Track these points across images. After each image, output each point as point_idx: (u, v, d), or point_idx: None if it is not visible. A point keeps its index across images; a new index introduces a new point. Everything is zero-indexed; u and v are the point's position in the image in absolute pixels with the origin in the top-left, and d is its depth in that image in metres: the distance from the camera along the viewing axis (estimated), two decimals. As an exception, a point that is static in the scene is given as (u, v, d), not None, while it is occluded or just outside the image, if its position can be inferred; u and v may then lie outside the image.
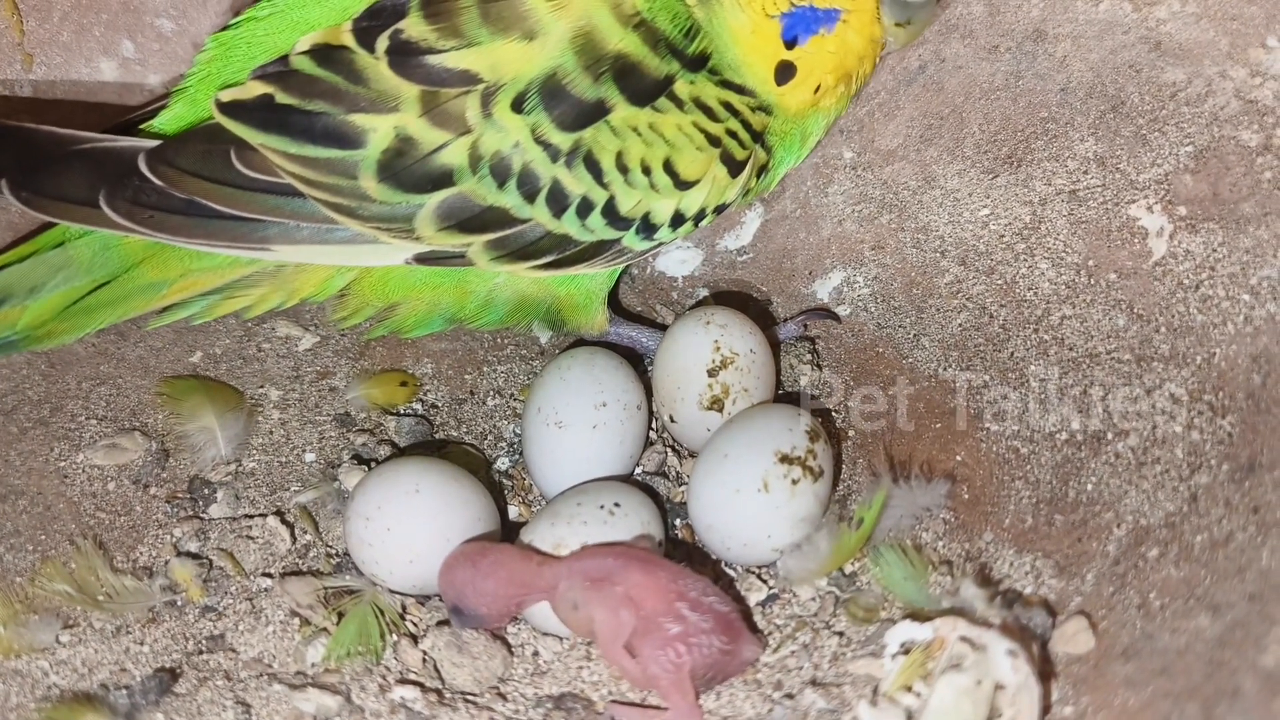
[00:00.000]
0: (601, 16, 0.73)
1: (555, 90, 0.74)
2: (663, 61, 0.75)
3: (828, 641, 0.76)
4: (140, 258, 0.82)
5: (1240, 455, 0.73)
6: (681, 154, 0.77)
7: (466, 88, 0.73)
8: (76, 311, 0.83)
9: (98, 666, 0.75)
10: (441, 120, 0.74)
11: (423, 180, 0.75)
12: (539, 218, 0.77)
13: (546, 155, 0.75)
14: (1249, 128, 0.82)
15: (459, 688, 0.74)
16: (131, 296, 0.83)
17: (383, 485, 0.79)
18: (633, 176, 0.77)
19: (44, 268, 0.82)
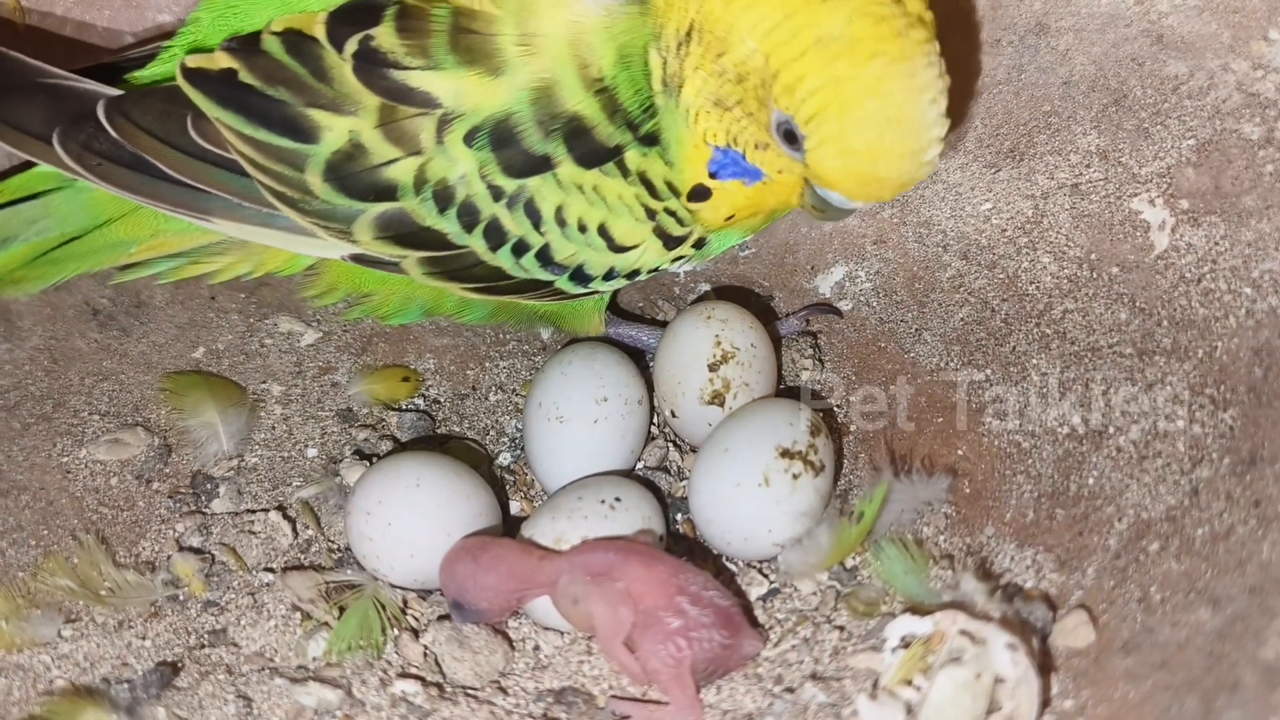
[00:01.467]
0: (566, 74, 0.72)
1: (506, 134, 0.73)
2: (616, 130, 0.73)
3: (828, 635, 0.75)
4: (114, 215, 0.82)
5: (1242, 449, 0.73)
6: (619, 220, 0.76)
7: (424, 110, 0.72)
8: (45, 262, 0.83)
9: (100, 661, 0.75)
10: (395, 136, 0.73)
11: (366, 189, 0.75)
12: (475, 248, 0.77)
13: (489, 193, 0.75)
14: (1251, 121, 0.82)
15: (460, 682, 0.74)
16: (100, 251, 0.83)
17: (384, 480, 0.79)
18: (569, 231, 0.77)
19: (18, 220, 0.82)
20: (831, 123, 0.68)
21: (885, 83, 0.68)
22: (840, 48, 0.67)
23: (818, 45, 0.68)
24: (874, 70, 0.67)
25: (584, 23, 0.71)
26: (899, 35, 0.67)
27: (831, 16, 0.67)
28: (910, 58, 0.68)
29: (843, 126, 0.68)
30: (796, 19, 0.68)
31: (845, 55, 0.67)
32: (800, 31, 0.68)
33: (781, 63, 0.68)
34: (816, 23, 0.67)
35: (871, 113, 0.68)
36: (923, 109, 0.68)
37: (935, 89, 0.69)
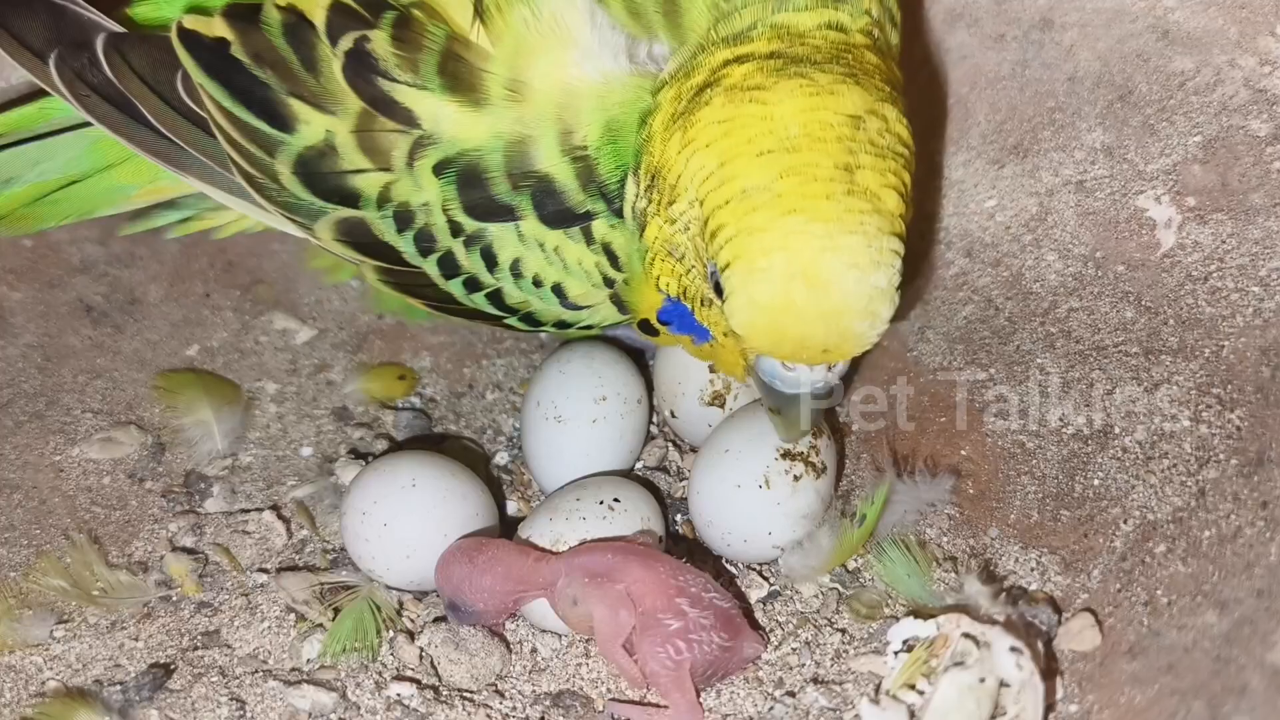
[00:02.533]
0: (546, 134, 0.70)
1: (474, 176, 0.71)
2: (587, 198, 0.71)
3: (830, 638, 0.75)
4: (115, 160, 0.82)
5: (1249, 449, 0.72)
6: (575, 282, 0.75)
7: (403, 128, 0.71)
8: (45, 203, 0.83)
9: (92, 662, 0.74)
10: (369, 146, 0.72)
11: (332, 192, 0.74)
12: (429, 271, 0.76)
13: (448, 227, 0.73)
14: (1258, 117, 0.81)
15: (456, 685, 0.73)
16: (100, 196, 0.84)
17: (379, 480, 0.78)
18: (523, 283, 0.76)
19: (21, 161, 0.82)
20: (740, 271, 0.65)
21: (797, 238, 0.64)
22: (762, 200, 0.65)
23: (742, 195, 0.65)
24: (789, 225, 0.64)
25: (578, 87, 0.69)
26: (828, 198, 0.64)
27: (764, 170, 0.65)
28: (833, 220, 0.64)
29: (749, 276, 0.65)
30: (730, 168, 0.65)
31: (765, 208, 0.64)
32: (730, 180, 0.65)
33: (710, 210, 0.66)
34: (748, 174, 0.65)
35: (778, 265, 0.64)
36: (840, 272, 0.64)
37: (863, 258, 0.64)
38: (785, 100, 0.66)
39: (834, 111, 0.66)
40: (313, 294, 0.97)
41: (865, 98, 0.67)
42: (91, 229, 0.95)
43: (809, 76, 0.66)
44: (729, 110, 0.66)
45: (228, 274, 0.97)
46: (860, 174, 0.65)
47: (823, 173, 0.65)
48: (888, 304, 0.66)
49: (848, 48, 0.70)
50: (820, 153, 0.65)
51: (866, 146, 0.65)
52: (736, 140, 0.66)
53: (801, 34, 0.69)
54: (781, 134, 0.65)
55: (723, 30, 0.70)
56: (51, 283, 0.92)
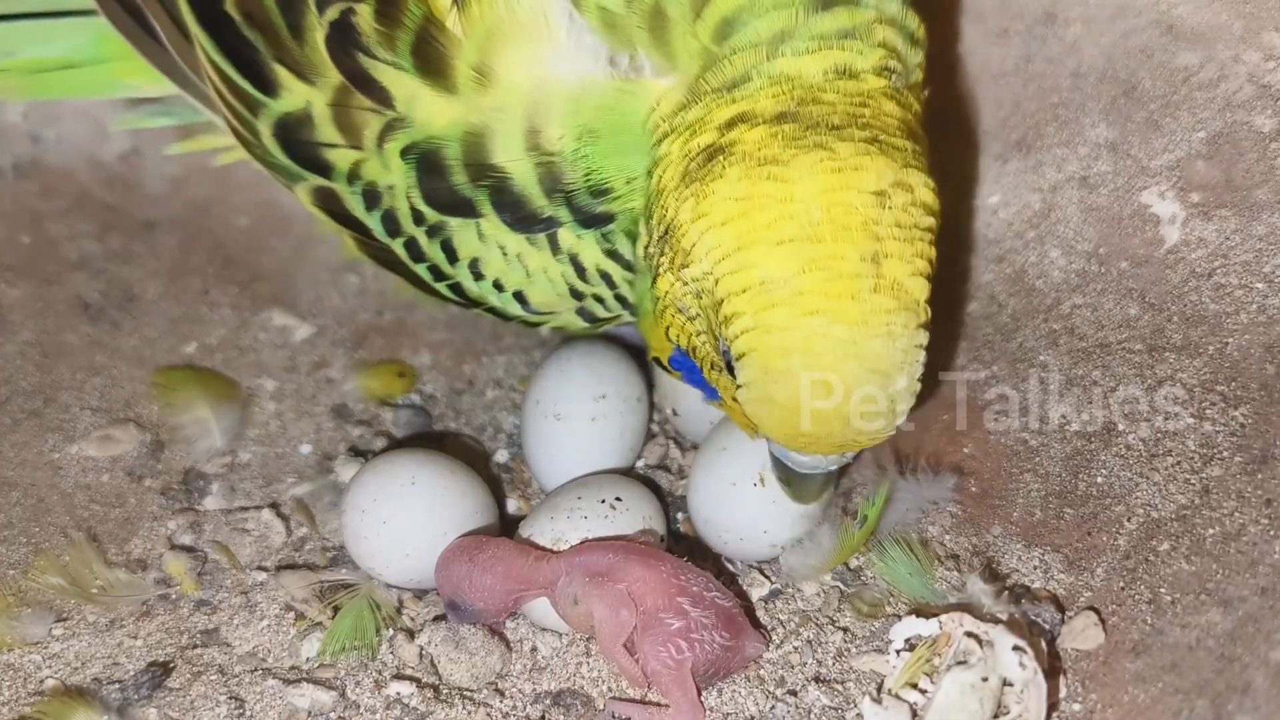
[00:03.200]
0: (510, 129, 0.68)
1: (435, 164, 0.70)
2: (549, 203, 0.69)
3: (832, 637, 0.74)
4: (118, 55, 0.83)
5: (1253, 447, 0.72)
6: (537, 290, 0.74)
7: (377, 107, 0.70)
8: (40, 78, 0.86)
9: (90, 660, 0.74)
10: (343, 122, 0.71)
11: (307, 161, 0.74)
12: (397, 251, 0.76)
13: (411, 214, 0.73)
14: (1263, 113, 0.81)
15: (456, 684, 0.73)
16: (94, 85, 0.86)
17: (379, 477, 0.78)
18: (483, 283, 0.75)
19: (24, 35, 0.85)
20: (757, 366, 0.64)
21: (820, 342, 0.62)
22: (782, 295, 0.62)
23: (761, 286, 0.63)
24: (811, 326, 0.62)
25: (551, 86, 0.67)
26: (853, 298, 0.62)
27: (785, 261, 0.62)
28: (858, 324, 0.62)
29: (766, 374, 0.64)
30: (748, 254, 0.63)
31: (785, 304, 0.62)
32: (748, 268, 0.63)
33: (725, 293, 0.64)
34: (767, 263, 0.62)
35: (798, 368, 0.63)
36: (862, 379, 0.63)
37: (888, 363, 0.63)
38: (805, 179, 0.63)
39: (858, 190, 0.63)
40: (312, 291, 0.97)
41: (890, 167, 0.64)
42: (88, 225, 0.95)
43: (829, 148, 0.63)
44: (746, 187, 0.63)
45: (226, 270, 0.97)
46: (887, 264, 0.62)
47: (848, 267, 0.62)
48: (909, 400, 0.65)
49: (864, 100, 0.66)
50: (845, 243, 0.62)
51: (893, 230, 0.63)
52: (755, 223, 0.63)
53: (810, 87, 0.66)
54: (803, 219, 0.62)
55: (715, 79, 0.67)
56: (49, 279, 0.92)
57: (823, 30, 0.67)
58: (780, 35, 0.66)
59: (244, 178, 1.01)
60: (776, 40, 0.66)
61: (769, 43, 0.66)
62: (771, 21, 0.66)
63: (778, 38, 0.66)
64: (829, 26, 0.67)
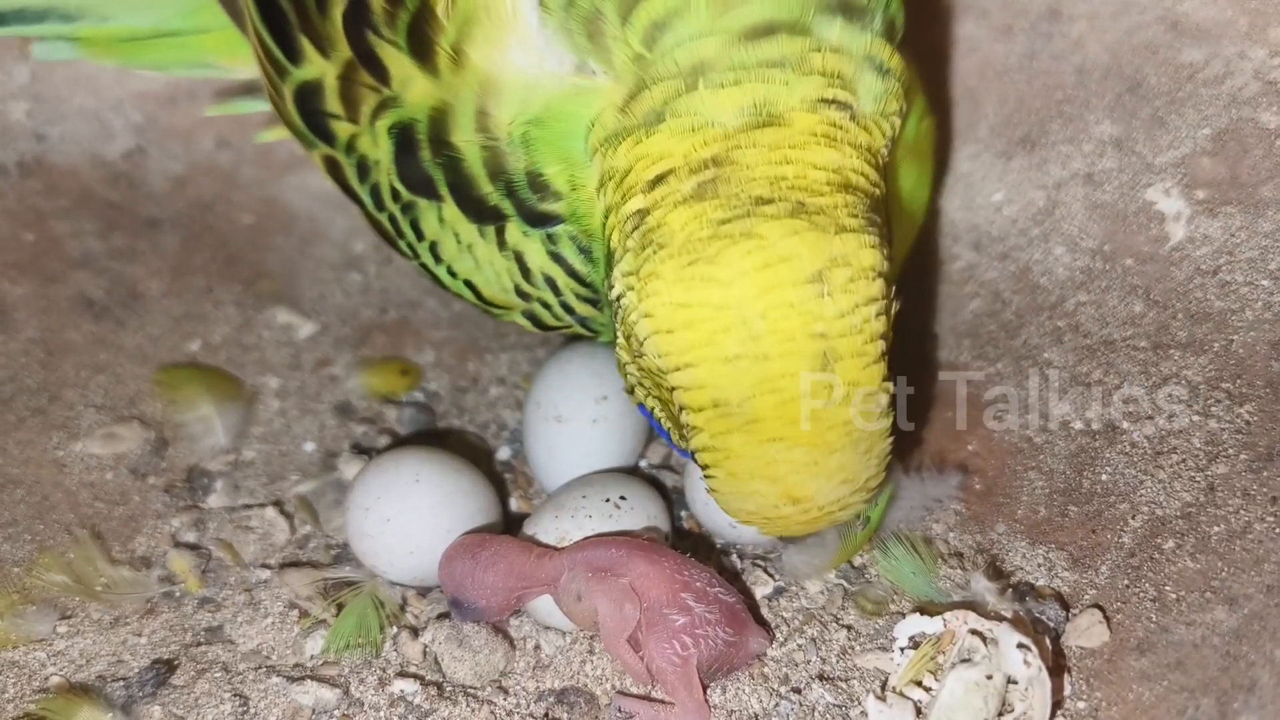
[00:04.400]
0: (464, 108, 0.68)
1: (408, 140, 0.71)
2: (493, 190, 0.70)
3: (836, 635, 0.74)
4: (209, 26, 0.85)
5: (1259, 444, 0.72)
6: (485, 283, 0.75)
7: (376, 85, 0.71)
8: (130, 45, 0.88)
9: (95, 658, 0.74)
10: (347, 96, 0.72)
11: (317, 130, 0.75)
12: (384, 224, 0.77)
13: (390, 191, 0.74)
14: (1269, 109, 0.81)
15: (459, 682, 0.73)
16: (181, 57, 0.88)
17: (382, 475, 0.78)
18: (440, 269, 0.76)
19: (121, 3, 0.87)
20: (722, 483, 0.66)
21: (780, 467, 0.63)
22: (737, 422, 0.63)
23: (714, 408, 0.63)
24: (769, 454, 0.63)
25: (504, 72, 0.67)
26: (809, 419, 0.62)
27: (734, 383, 0.62)
28: (816, 445, 0.63)
29: (731, 493, 0.66)
30: (697, 372, 0.63)
31: (740, 431, 0.63)
32: (699, 387, 0.63)
33: (682, 404, 0.64)
34: (717, 384, 0.62)
35: (762, 489, 0.65)
36: (827, 490, 0.64)
37: (851, 470, 0.64)
38: (738, 281, 0.61)
39: (792, 285, 0.61)
40: (315, 288, 0.97)
41: (821, 243, 0.61)
42: (92, 223, 0.95)
43: (755, 235, 0.61)
44: (682, 292, 0.62)
45: (229, 268, 0.97)
46: (839, 366, 0.62)
47: (798, 387, 0.62)
48: (880, 480, 0.67)
49: (785, 156, 0.63)
50: (791, 357, 0.61)
51: (837, 323, 0.62)
52: (698, 336, 0.62)
53: (726, 140, 0.64)
54: (744, 331, 0.61)
55: (641, 105, 0.65)
56: (53, 277, 0.92)
57: (745, 61, 0.64)
58: (700, 66, 0.64)
59: (248, 176, 1.01)
60: (696, 71, 0.64)
61: (688, 73, 0.64)
62: (693, 50, 0.64)
63: (697, 68, 0.64)
64: (753, 56, 0.64)
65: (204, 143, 1.01)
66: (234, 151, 1.01)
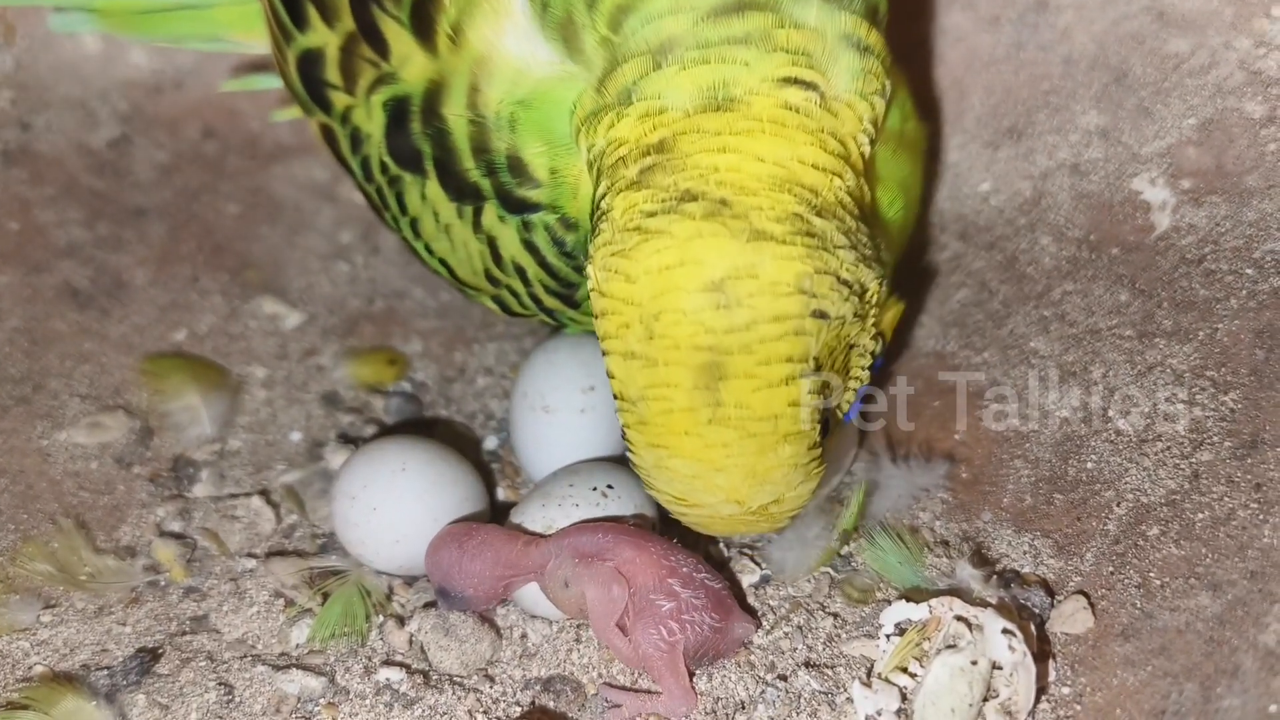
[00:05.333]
0: (457, 83, 0.68)
1: (403, 114, 0.71)
2: (476, 169, 0.70)
3: (822, 623, 0.74)
4: None
5: (1243, 431, 0.72)
6: (460, 263, 0.75)
7: (375, 59, 0.71)
8: (150, 17, 0.88)
9: (79, 647, 0.74)
10: (346, 68, 0.73)
11: (316, 96, 0.75)
12: (372, 195, 0.77)
13: (379, 164, 0.74)
14: (1253, 99, 0.81)
15: (446, 670, 0.73)
16: (197, 29, 0.88)
17: (369, 464, 0.78)
18: (420, 244, 0.76)
19: None
20: (636, 470, 0.69)
21: (665, 474, 0.66)
22: (633, 419, 0.65)
23: (621, 401, 0.66)
24: (657, 459, 0.65)
25: (500, 53, 0.67)
26: (688, 433, 0.63)
27: (630, 380, 0.64)
28: (698, 460, 0.64)
29: (642, 479, 0.69)
30: (609, 362, 0.65)
31: (636, 429, 0.65)
32: (611, 377, 0.65)
33: (612, 387, 0.66)
34: (620, 374, 0.64)
35: (658, 486, 0.67)
36: (716, 505, 0.66)
37: (741, 490, 0.65)
38: (643, 279, 0.61)
39: (689, 291, 0.60)
40: (302, 278, 0.97)
41: (729, 250, 0.60)
42: (77, 211, 0.94)
43: (667, 233, 0.61)
44: (605, 280, 0.63)
45: (216, 258, 0.96)
46: (727, 386, 0.61)
47: (681, 399, 0.62)
48: (793, 504, 0.67)
49: (724, 144, 0.62)
50: (677, 366, 0.61)
51: (731, 338, 0.61)
52: (610, 327, 0.63)
53: (673, 126, 0.63)
54: (641, 331, 0.62)
55: (612, 87, 0.65)
56: (37, 266, 0.92)
57: (709, 38, 0.63)
58: (667, 42, 0.64)
59: (235, 165, 1.01)
60: (664, 49, 0.64)
61: (655, 51, 0.64)
62: (659, 28, 0.64)
63: (665, 45, 0.64)
64: (718, 34, 0.63)
65: (190, 132, 1.00)
66: (220, 141, 1.01)
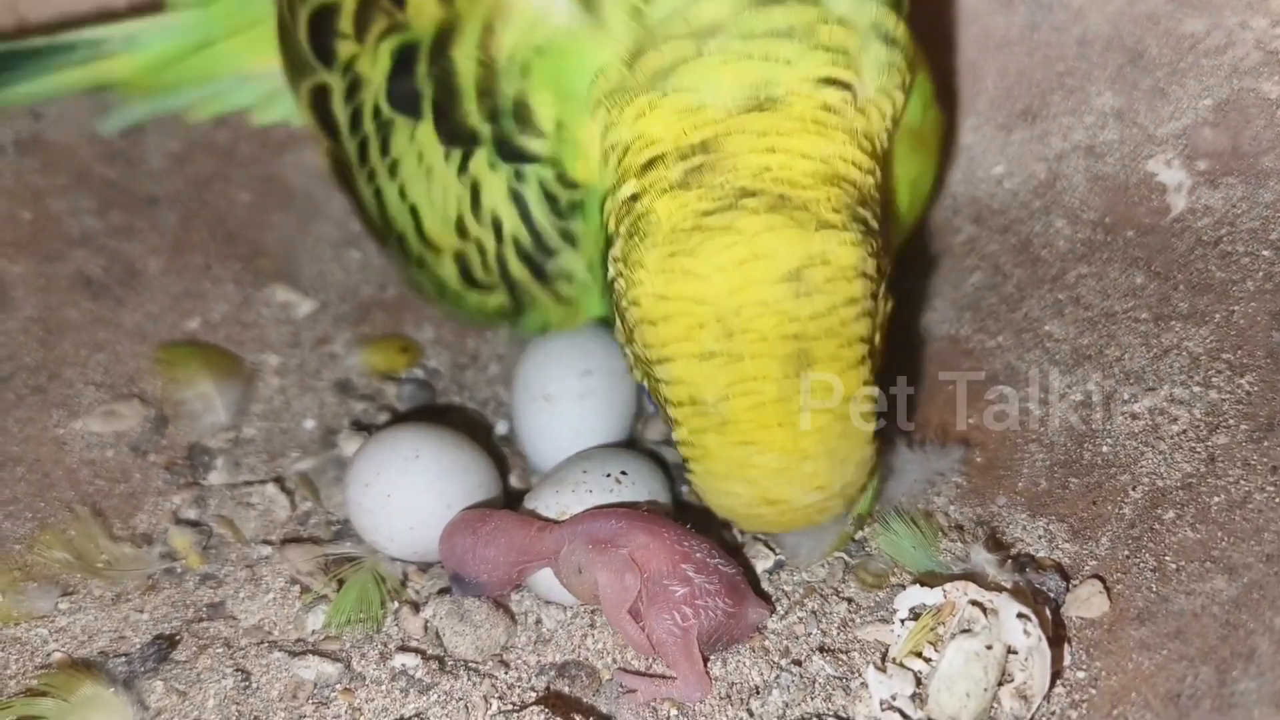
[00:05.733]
0: (470, 25, 0.67)
1: (409, 58, 0.70)
2: (477, 112, 0.69)
3: (836, 607, 0.74)
4: (234, 28, 0.87)
5: (1260, 414, 0.71)
6: (433, 211, 0.74)
7: (392, 8, 0.71)
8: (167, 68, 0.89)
9: (97, 634, 0.74)
10: (361, 17, 0.72)
11: (320, 51, 0.75)
12: (349, 152, 0.76)
13: (372, 110, 0.73)
14: (1270, 79, 0.80)
15: (461, 656, 0.73)
16: (218, 68, 0.89)
17: (383, 451, 0.78)
18: (394, 185, 0.75)
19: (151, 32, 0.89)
20: (703, 482, 0.68)
21: (754, 471, 0.64)
22: (712, 421, 0.63)
23: (692, 406, 0.63)
24: (742, 456, 0.64)
25: (518, 1, 0.66)
26: (781, 424, 0.62)
27: (709, 381, 0.62)
28: (789, 450, 0.63)
29: (709, 489, 0.68)
30: (675, 367, 0.63)
31: (714, 431, 0.63)
32: (678, 382, 0.63)
33: (666, 397, 0.65)
34: (693, 380, 0.63)
35: (739, 491, 0.66)
36: (803, 494, 0.65)
37: (826, 475, 0.65)
38: (714, 276, 0.61)
39: (768, 282, 0.61)
40: (314, 266, 0.97)
41: (800, 240, 0.61)
42: (90, 201, 0.94)
43: (734, 229, 0.61)
44: (664, 283, 0.62)
45: (228, 246, 0.96)
46: (815, 370, 0.61)
47: (772, 390, 0.61)
48: (861, 484, 0.67)
49: (772, 144, 0.62)
50: (765, 358, 0.61)
51: (813, 324, 0.61)
52: (676, 330, 0.62)
53: (718, 125, 0.63)
54: (718, 328, 0.61)
55: (645, 67, 0.64)
56: (51, 255, 0.92)
57: (753, 28, 0.63)
58: (710, 28, 0.63)
59: (246, 153, 1.01)
60: (705, 34, 0.63)
61: (697, 35, 0.63)
62: (704, 11, 0.63)
63: (707, 30, 0.63)
64: (762, 24, 0.63)
65: (202, 120, 1.00)
66: (232, 129, 1.00)
